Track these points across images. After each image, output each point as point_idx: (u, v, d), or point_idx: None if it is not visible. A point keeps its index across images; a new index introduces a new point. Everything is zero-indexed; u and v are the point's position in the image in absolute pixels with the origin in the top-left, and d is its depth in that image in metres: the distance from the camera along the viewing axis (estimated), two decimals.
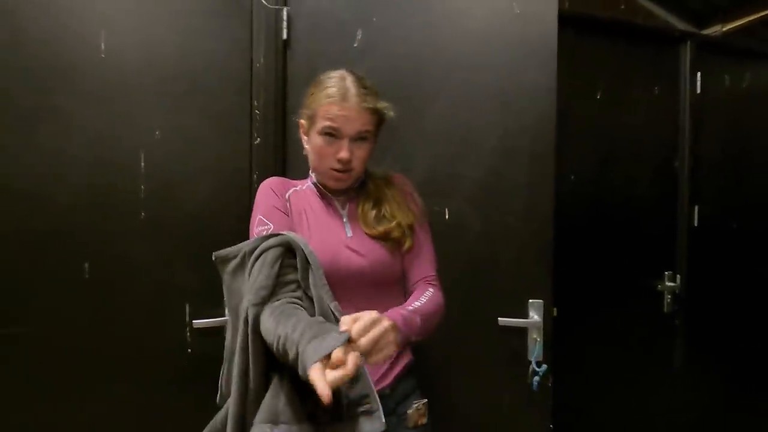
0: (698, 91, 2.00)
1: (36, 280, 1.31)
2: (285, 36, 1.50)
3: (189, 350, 1.44)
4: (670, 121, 1.99)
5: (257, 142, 1.48)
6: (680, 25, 2.60)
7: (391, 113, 1.10)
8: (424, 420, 1.07)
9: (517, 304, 1.40)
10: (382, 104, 1.07)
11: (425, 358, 1.17)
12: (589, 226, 1.84)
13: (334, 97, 1.03)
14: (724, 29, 2.59)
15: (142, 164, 1.39)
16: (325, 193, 1.13)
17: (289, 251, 0.96)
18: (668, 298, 1.97)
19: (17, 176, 1.29)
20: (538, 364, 1.37)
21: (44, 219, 1.32)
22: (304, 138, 1.12)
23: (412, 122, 1.43)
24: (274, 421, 0.86)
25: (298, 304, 0.93)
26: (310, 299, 0.95)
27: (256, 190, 1.44)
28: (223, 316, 1.45)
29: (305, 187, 1.16)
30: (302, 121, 1.11)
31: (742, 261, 2.12)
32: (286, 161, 1.51)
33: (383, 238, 1.07)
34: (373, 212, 1.10)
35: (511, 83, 1.40)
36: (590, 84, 1.85)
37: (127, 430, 1.39)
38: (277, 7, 1.49)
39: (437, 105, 1.45)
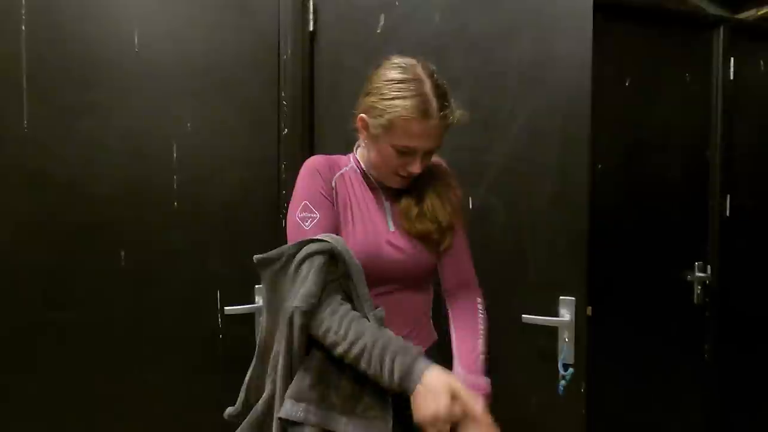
0: (731, 77, 1.94)
1: (75, 268, 1.37)
2: (311, 27, 1.52)
3: (220, 336, 1.48)
4: (701, 108, 1.94)
5: (285, 132, 1.51)
6: (712, 9, 2.52)
7: (465, 119, 1.02)
8: None
9: (546, 300, 1.32)
10: (459, 114, 1.00)
11: (447, 355, 1.13)
12: (617, 215, 1.82)
13: (416, 113, 0.94)
14: (759, 13, 2.50)
15: (175, 155, 1.43)
16: (372, 182, 1.10)
17: (333, 256, 0.95)
18: (698, 289, 1.93)
19: (57, 168, 1.35)
20: (565, 367, 1.28)
21: (82, 209, 1.37)
22: (363, 133, 1.05)
23: None
24: (298, 398, 0.91)
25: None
26: (350, 300, 0.98)
27: (283, 180, 1.49)
28: (253, 302, 1.49)
29: (348, 168, 1.11)
30: (363, 116, 1.03)
31: None
32: (314, 151, 1.53)
33: (422, 238, 1.06)
34: (416, 209, 1.07)
35: (540, 57, 1.30)
36: (619, 71, 1.82)
37: (160, 412, 1.44)
38: None
39: (460, 88, 1.37)
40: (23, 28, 1.31)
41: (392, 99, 0.95)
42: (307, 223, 1.00)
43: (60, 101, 1.34)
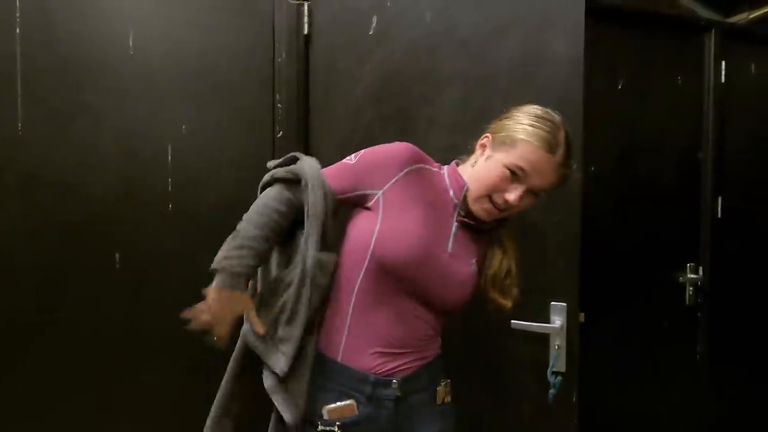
0: (722, 80, 1.96)
1: (70, 270, 1.37)
2: (306, 31, 1.52)
3: (215, 338, 1.48)
4: (693, 111, 1.96)
5: (280, 135, 1.52)
6: (705, 13, 2.54)
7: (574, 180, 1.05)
8: (449, 398, 1.10)
9: (537, 306, 1.29)
10: (573, 175, 1.03)
11: (451, 367, 1.13)
12: (610, 216, 1.83)
13: (544, 143, 0.95)
14: (751, 17, 2.53)
15: (170, 158, 1.44)
16: (458, 198, 1.04)
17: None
18: (690, 290, 1.95)
19: (52, 170, 1.35)
20: (554, 375, 1.24)
21: (77, 211, 1.37)
22: (481, 151, 1.03)
23: (425, 110, 1.41)
24: None
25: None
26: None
27: None
28: None
29: (438, 170, 1.08)
30: (490, 135, 1.02)
31: (766, 253, 2.09)
32: (309, 154, 1.53)
33: (491, 299, 1.06)
34: (507, 280, 1.07)
35: (531, 56, 1.29)
36: (612, 74, 1.83)
37: (154, 414, 1.44)
38: (298, 1, 1.52)
39: (450, 89, 1.39)
40: (17, 30, 1.31)
41: (527, 125, 0.97)
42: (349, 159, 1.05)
43: (54, 103, 1.35)
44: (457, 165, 1.09)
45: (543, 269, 1.30)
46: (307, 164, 1.02)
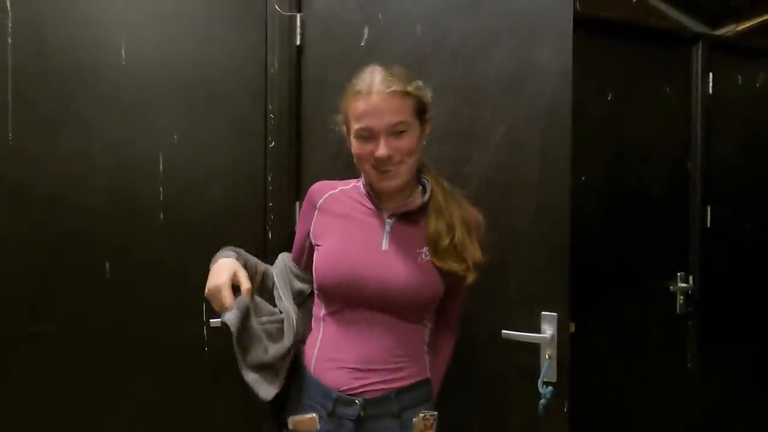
0: (710, 91, 1.99)
1: (60, 280, 1.36)
2: (298, 41, 1.53)
3: (206, 348, 1.47)
4: (682, 121, 1.98)
5: (272, 145, 1.52)
6: (693, 25, 2.59)
7: (427, 93, 1.02)
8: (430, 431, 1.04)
9: (527, 316, 1.28)
10: (412, 85, 0.98)
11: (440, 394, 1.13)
12: (601, 226, 1.85)
13: (357, 93, 0.98)
14: (738, 29, 2.57)
15: (161, 167, 1.43)
16: (372, 197, 1.07)
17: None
18: (681, 299, 1.96)
19: (42, 180, 1.34)
20: (545, 385, 1.22)
21: (67, 221, 1.36)
22: (349, 142, 1.07)
23: None
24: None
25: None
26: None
27: (270, 192, 1.50)
28: None
29: (349, 188, 1.13)
30: (344, 126, 1.07)
31: (755, 262, 2.11)
32: (300, 164, 1.54)
33: (448, 274, 1.02)
34: (447, 239, 1.00)
35: (519, 66, 1.29)
36: (601, 85, 1.85)
37: (145, 425, 1.43)
38: (290, 13, 1.53)
39: (441, 100, 1.34)
40: (9, 40, 1.31)
41: (346, 93, 1.03)
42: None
43: (45, 113, 1.34)
44: None
45: (533, 279, 1.30)
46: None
